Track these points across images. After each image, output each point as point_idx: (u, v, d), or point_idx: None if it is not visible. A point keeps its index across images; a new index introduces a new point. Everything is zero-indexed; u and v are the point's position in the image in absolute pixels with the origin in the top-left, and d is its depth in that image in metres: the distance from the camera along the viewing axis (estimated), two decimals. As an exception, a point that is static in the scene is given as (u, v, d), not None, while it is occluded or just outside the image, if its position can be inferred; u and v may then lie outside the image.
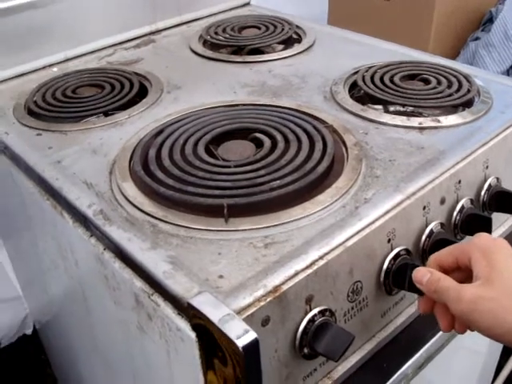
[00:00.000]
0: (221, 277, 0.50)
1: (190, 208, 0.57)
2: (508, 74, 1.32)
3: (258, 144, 0.68)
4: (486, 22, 1.41)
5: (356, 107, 0.76)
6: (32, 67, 0.95)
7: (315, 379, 0.56)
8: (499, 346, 1.13)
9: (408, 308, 0.65)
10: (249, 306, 0.47)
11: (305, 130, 0.69)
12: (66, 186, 0.64)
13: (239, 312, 0.46)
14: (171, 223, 0.57)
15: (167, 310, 0.50)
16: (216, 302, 0.46)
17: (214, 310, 0.45)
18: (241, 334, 0.43)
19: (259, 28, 1.06)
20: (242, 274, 0.50)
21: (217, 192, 0.58)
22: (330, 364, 0.57)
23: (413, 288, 0.57)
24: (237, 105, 0.78)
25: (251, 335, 0.43)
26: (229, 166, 0.63)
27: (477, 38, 1.40)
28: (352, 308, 0.57)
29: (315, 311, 0.52)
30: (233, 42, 1.00)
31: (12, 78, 0.94)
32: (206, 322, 0.45)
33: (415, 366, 0.64)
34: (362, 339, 0.60)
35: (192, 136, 0.68)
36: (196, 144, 0.67)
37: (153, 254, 0.53)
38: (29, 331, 1.25)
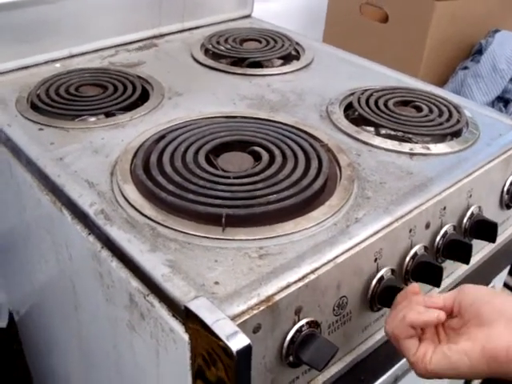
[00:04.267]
0: (216, 283, 0.53)
1: (190, 215, 0.60)
2: (493, 105, 1.37)
3: (256, 157, 0.70)
4: (476, 52, 1.46)
5: (351, 129, 0.79)
6: (35, 61, 0.97)
7: (297, 387, 0.59)
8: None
9: (387, 325, 0.68)
10: (242, 313, 0.50)
11: (301, 147, 0.71)
12: (68, 184, 0.66)
13: (233, 318, 0.49)
14: (170, 228, 0.59)
15: (162, 311, 0.52)
16: (212, 307, 0.49)
17: (210, 315, 0.48)
18: (235, 339, 0.46)
19: (260, 42, 1.08)
20: (236, 282, 0.53)
21: (216, 201, 0.60)
22: (312, 373, 0.59)
23: None
24: (236, 116, 0.80)
25: (245, 341, 0.46)
26: (228, 177, 0.65)
27: (466, 67, 1.44)
28: (336, 321, 0.60)
29: (303, 322, 0.55)
30: (234, 54, 1.03)
31: (15, 70, 0.95)
32: (202, 325, 0.47)
33: (390, 380, 0.67)
34: (343, 351, 0.63)
35: (193, 144, 0.71)
36: (197, 152, 0.69)
37: (152, 257, 0.55)
38: (3, 324, 1.23)
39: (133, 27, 1.07)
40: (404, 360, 0.70)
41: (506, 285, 1.29)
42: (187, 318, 0.49)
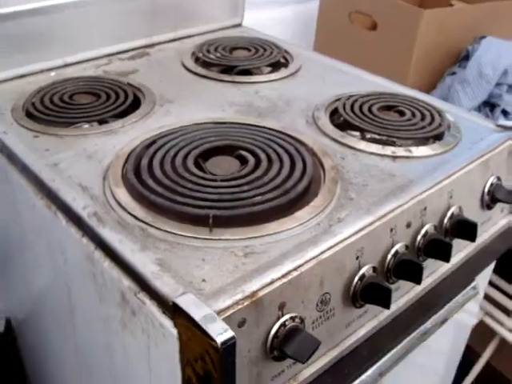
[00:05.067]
0: (204, 281, 0.55)
1: (178, 216, 0.62)
2: (479, 109, 1.40)
3: (243, 161, 0.73)
4: (463, 58, 1.49)
5: (335, 133, 0.81)
6: (31, 70, 0.99)
7: (282, 380, 0.61)
8: (455, 366, 1.19)
9: (370, 321, 0.70)
10: (228, 308, 0.52)
11: (287, 151, 0.74)
12: (62, 188, 0.68)
13: (219, 313, 0.51)
14: (160, 229, 0.61)
15: (152, 307, 0.55)
16: (199, 302, 0.51)
17: (196, 310, 0.50)
18: (220, 333, 0.48)
19: (249, 50, 1.11)
20: (222, 280, 0.55)
21: (203, 203, 0.63)
22: (297, 367, 0.62)
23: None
24: (225, 122, 0.83)
25: (229, 334, 0.48)
26: (215, 180, 0.68)
27: (453, 73, 1.48)
28: (320, 317, 0.62)
29: (287, 317, 0.57)
30: (224, 62, 1.05)
31: (11, 79, 0.97)
32: (189, 320, 0.50)
33: (374, 375, 0.69)
34: (326, 346, 0.65)
35: (182, 149, 0.73)
36: (186, 157, 0.72)
37: (142, 256, 0.58)
38: (-1, 329, 1.24)
39: (126, 37, 1.10)
40: (388, 356, 0.72)
41: (490, 283, 1.32)
42: (175, 313, 0.51)
